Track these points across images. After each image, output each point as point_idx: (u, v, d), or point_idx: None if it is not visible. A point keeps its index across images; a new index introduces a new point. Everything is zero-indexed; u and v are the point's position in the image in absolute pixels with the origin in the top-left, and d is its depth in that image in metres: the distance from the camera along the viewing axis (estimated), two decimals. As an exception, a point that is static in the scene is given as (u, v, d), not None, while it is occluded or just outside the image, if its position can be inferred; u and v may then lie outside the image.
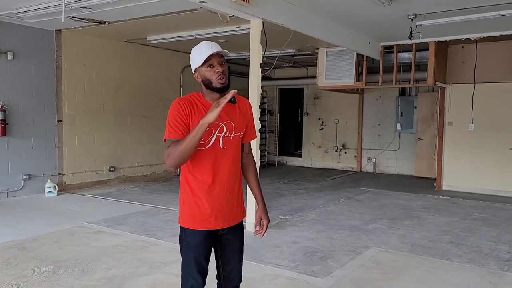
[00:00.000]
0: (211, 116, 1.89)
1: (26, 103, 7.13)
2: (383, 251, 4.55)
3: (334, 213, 6.29)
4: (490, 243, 4.87)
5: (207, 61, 2.05)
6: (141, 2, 5.44)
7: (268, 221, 2.37)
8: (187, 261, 2.17)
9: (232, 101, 2.14)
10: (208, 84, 2.07)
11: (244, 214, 2.32)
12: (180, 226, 2.19)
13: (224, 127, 2.10)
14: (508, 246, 4.77)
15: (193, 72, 2.13)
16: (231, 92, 1.95)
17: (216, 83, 2.05)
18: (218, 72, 2.04)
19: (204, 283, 2.20)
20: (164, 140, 2.04)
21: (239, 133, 2.17)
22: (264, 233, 2.36)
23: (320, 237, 5.02)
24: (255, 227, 2.37)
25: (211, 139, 2.08)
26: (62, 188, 7.61)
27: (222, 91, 2.07)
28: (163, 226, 5.38)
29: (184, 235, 2.18)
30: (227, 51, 2.11)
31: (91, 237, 4.89)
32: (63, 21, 5.73)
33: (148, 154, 9.26)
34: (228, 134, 2.12)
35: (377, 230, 5.38)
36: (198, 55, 2.06)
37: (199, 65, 2.07)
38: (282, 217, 5.95)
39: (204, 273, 2.18)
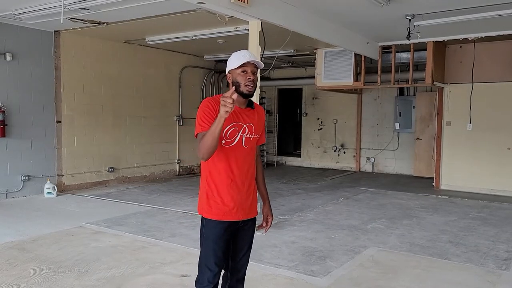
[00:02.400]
0: (222, 111, 2.03)
1: (25, 104, 7.13)
2: (381, 250, 4.57)
3: (333, 213, 6.30)
4: (488, 242, 4.89)
5: (243, 67, 2.25)
6: (139, 3, 5.44)
7: (273, 218, 2.59)
8: (206, 252, 2.32)
9: (252, 107, 2.38)
10: (236, 87, 2.24)
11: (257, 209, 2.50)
12: (202, 218, 2.34)
13: (246, 128, 2.32)
14: (506, 245, 4.79)
15: (227, 73, 2.34)
16: (233, 95, 2.08)
17: (244, 88, 2.25)
18: (249, 78, 2.24)
19: (219, 276, 2.34)
20: (196, 135, 2.24)
21: (256, 135, 2.39)
22: (268, 229, 2.58)
23: (319, 237, 5.03)
24: (262, 223, 2.56)
25: (235, 138, 2.28)
26: (61, 189, 7.61)
27: (246, 97, 2.29)
28: (162, 226, 5.39)
29: (205, 226, 2.33)
30: (262, 64, 2.30)
31: (91, 238, 4.90)
32: (62, 22, 5.74)
33: (147, 155, 9.26)
34: (249, 135, 2.33)
35: (376, 229, 5.39)
36: (236, 59, 2.27)
37: (234, 67, 2.27)
38: (281, 217, 5.96)
39: (221, 266, 2.34)
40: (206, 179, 2.32)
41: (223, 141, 2.24)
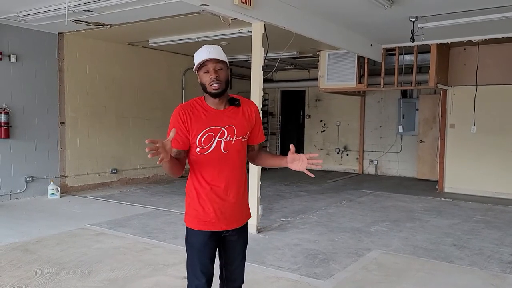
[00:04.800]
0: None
1: (29, 106, 7.16)
2: (385, 253, 4.55)
3: (336, 215, 6.29)
4: (493, 246, 4.87)
5: (203, 66, 2.07)
6: (143, 5, 5.46)
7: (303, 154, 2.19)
8: (192, 261, 2.21)
9: (236, 104, 2.17)
10: (204, 88, 2.11)
11: (248, 216, 2.33)
12: (186, 226, 2.24)
13: (225, 131, 2.12)
14: (510, 249, 4.76)
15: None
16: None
17: (210, 88, 2.08)
18: (211, 78, 2.05)
19: (209, 284, 2.22)
20: None
21: (241, 137, 2.17)
22: (313, 160, 2.16)
23: (322, 239, 5.02)
24: (303, 159, 2.18)
25: (212, 144, 2.11)
26: (65, 190, 7.63)
27: (216, 96, 2.09)
28: (165, 228, 5.39)
29: (189, 235, 2.22)
30: (224, 57, 2.09)
31: (94, 239, 4.90)
32: (66, 24, 5.76)
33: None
34: (229, 139, 2.13)
35: (379, 232, 5.38)
36: (196, 59, 2.09)
37: (196, 69, 2.11)
38: (283, 219, 5.95)
39: (208, 273, 2.20)
40: (189, 186, 2.22)
41: (198, 149, 2.11)
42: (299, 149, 12.71)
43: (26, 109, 7.13)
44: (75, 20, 6.34)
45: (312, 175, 2.17)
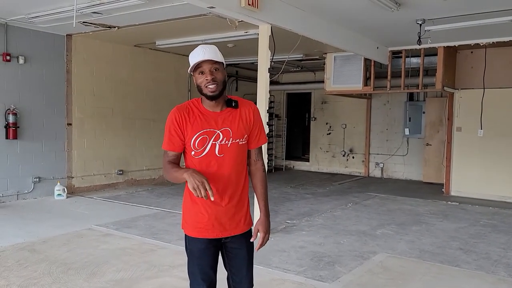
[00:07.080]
0: (187, 178, 1.91)
1: (36, 107, 7.22)
2: (391, 256, 4.54)
3: (342, 218, 6.27)
4: (499, 250, 4.83)
5: (199, 68, 2.02)
6: (150, 7, 5.50)
7: (265, 234, 2.19)
8: (192, 268, 2.16)
9: (233, 106, 2.11)
10: (199, 90, 2.05)
11: (250, 223, 2.24)
12: (184, 233, 2.19)
13: (221, 134, 2.06)
14: (517, 253, 4.73)
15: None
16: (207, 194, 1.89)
17: (206, 91, 2.02)
18: (207, 79, 2.00)
19: None
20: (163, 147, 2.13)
21: (238, 140, 2.10)
22: (259, 247, 2.19)
23: (327, 242, 5.01)
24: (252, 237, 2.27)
25: (205, 147, 2.05)
26: (71, 191, 7.67)
27: (212, 99, 2.03)
28: (171, 229, 5.41)
29: (188, 242, 2.17)
30: (220, 59, 2.04)
31: (100, 240, 4.93)
32: (74, 26, 5.81)
33: (156, 158, 9.30)
34: (225, 142, 2.07)
35: (385, 235, 5.36)
36: (191, 60, 2.04)
37: (191, 71, 2.05)
38: (289, 221, 5.95)
39: (209, 280, 2.14)
40: (185, 192, 2.15)
41: (192, 152, 2.06)
42: (305, 152, 12.71)
43: (34, 110, 7.18)
44: (83, 22, 6.39)
45: (255, 249, 2.21)
